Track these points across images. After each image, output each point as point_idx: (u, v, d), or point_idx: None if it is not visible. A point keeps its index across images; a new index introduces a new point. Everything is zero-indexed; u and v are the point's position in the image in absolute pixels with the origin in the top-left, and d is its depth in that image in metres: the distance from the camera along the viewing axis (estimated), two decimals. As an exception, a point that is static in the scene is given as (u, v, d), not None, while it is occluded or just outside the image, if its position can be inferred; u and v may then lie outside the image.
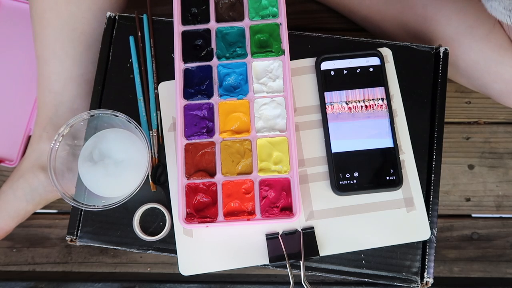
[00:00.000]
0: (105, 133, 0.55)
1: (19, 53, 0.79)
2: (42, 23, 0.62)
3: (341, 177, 0.51)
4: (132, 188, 0.51)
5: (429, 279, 0.51)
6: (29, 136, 0.75)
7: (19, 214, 0.66)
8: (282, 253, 0.50)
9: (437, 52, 0.55)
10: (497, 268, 0.74)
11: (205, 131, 0.52)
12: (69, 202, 0.51)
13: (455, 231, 0.75)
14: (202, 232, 0.51)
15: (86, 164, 0.53)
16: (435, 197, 0.52)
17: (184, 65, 0.54)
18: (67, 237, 0.53)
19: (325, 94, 0.53)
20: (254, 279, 0.74)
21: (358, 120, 0.53)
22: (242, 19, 0.55)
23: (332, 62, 0.54)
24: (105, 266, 0.75)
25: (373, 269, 0.51)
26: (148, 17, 0.57)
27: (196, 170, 0.51)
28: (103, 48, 0.57)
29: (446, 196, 0.76)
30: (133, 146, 0.54)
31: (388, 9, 0.67)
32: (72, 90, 0.64)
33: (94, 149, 0.54)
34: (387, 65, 0.54)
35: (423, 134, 0.54)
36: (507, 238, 0.75)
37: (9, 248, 0.76)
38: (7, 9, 0.81)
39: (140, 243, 0.52)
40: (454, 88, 0.78)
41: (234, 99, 0.53)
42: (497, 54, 0.60)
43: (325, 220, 0.51)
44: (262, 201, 0.50)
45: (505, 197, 0.76)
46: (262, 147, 0.52)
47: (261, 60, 0.54)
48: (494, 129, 0.78)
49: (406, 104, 0.54)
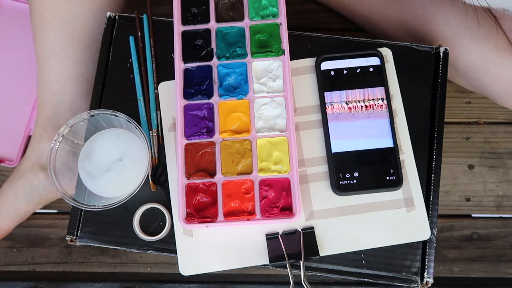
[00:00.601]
0: (105, 133, 0.55)
1: (19, 53, 0.79)
2: (42, 23, 0.62)
3: (341, 177, 0.51)
4: (132, 188, 0.51)
5: (429, 279, 0.51)
6: (29, 136, 0.75)
7: (19, 214, 0.66)
8: (282, 253, 0.50)
9: (437, 52, 0.55)
10: (497, 268, 0.74)
11: (205, 131, 0.52)
12: (69, 202, 0.51)
13: (455, 231, 0.75)
14: (202, 232, 0.51)
15: (86, 164, 0.53)
16: (435, 197, 0.52)
17: (184, 65, 0.54)
18: (67, 237, 0.53)
19: (325, 94, 0.53)
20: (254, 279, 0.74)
21: (358, 120, 0.53)
22: (242, 19, 0.55)
23: (332, 62, 0.54)
24: (105, 266, 0.75)
25: (373, 269, 0.51)
26: (148, 17, 0.57)
27: (196, 170, 0.51)
28: (103, 48, 0.57)
29: (446, 196, 0.76)
30: (133, 146, 0.54)
31: (387, 10, 0.68)
32: (72, 90, 0.64)
33: (94, 149, 0.54)
34: (387, 65, 0.54)
35: (423, 134, 0.54)
36: (507, 238, 0.75)
37: (9, 248, 0.76)
38: (7, 9, 0.81)
39: (140, 243, 0.52)
40: (454, 88, 0.78)
41: (234, 99, 0.53)
42: (497, 56, 0.60)
43: (325, 220, 0.51)
44: (262, 201, 0.50)
45: (505, 197, 0.76)
46: (262, 147, 0.52)
47: (261, 60, 0.54)
48: (494, 129, 0.78)
49: (406, 104, 0.54)
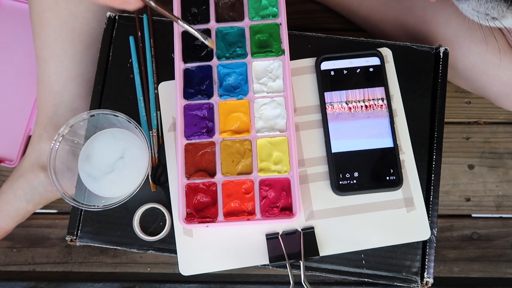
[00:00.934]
0: (105, 133, 0.55)
1: (19, 53, 0.79)
2: (42, 22, 0.62)
3: (341, 177, 0.51)
4: (132, 188, 0.51)
5: (429, 279, 0.51)
6: (29, 136, 0.75)
7: (19, 213, 0.66)
8: (282, 253, 0.50)
9: (437, 52, 0.55)
10: (497, 268, 0.74)
11: (205, 131, 0.52)
12: (69, 202, 0.51)
13: (455, 231, 0.75)
14: (202, 232, 0.51)
15: (86, 164, 0.53)
16: (435, 197, 0.52)
17: (184, 65, 0.54)
18: (67, 237, 0.53)
19: (325, 94, 0.53)
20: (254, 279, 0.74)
21: (358, 120, 0.53)
22: (242, 19, 0.55)
23: (332, 62, 0.54)
24: (105, 266, 0.75)
25: (373, 269, 0.51)
26: (148, 17, 0.57)
27: (196, 170, 0.51)
28: (103, 48, 0.57)
29: (446, 196, 0.76)
30: (133, 146, 0.54)
31: (387, 10, 0.68)
32: (72, 90, 0.64)
33: (94, 149, 0.54)
34: (387, 65, 0.54)
35: (423, 134, 0.54)
36: (507, 238, 0.75)
37: (9, 248, 0.76)
38: (7, 9, 0.81)
39: (140, 243, 0.52)
40: (454, 88, 0.78)
41: (234, 99, 0.53)
42: (496, 57, 0.60)
43: (325, 220, 0.51)
44: (262, 201, 0.50)
45: (505, 197, 0.76)
46: (262, 147, 0.52)
47: (261, 60, 0.54)
48: (494, 129, 0.78)
49: (406, 104, 0.54)
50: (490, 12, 0.43)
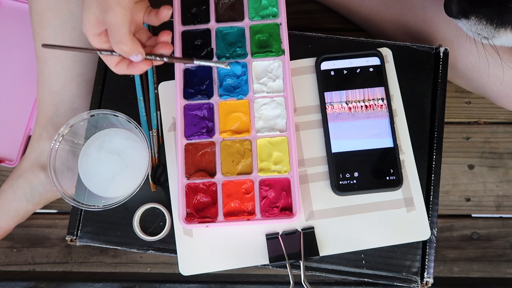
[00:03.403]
0: (105, 133, 0.55)
1: (19, 53, 0.79)
2: (42, 22, 0.62)
3: (341, 177, 0.51)
4: (132, 188, 0.51)
5: (429, 279, 0.51)
6: (29, 136, 0.75)
7: (19, 213, 0.66)
8: (282, 253, 0.50)
9: (437, 52, 0.55)
10: (497, 268, 0.74)
11: (205, 131, 0.52)
12: (69, 202, 0.51)
13: (455, 231, 0.75)
14: (202, 232, 0.51)
15: (86, 164, 0.53)
16: (435, 197, 0.52)
17: (184, 65, 0.54)
18: (67, 237, 0.53)
19: (325, 94, 0.53)
20: (254, 279, 0.74)
21: (358, 120, 0.53)
22: (242, 19, 0.55)
23: (332, 62, 0.54)
24: (105, 266, 0.75)
25: (373, 269, 0.51)
26: (148, 17, 0.57)
27: (196, 170, 0.51)
28: (103, 48, 0.57)
29: (446, 196, 0.76)
30: (133, 146, 0.54)
31: (387, 10, 0.68)
32: (72, 90, 0.64)
33: (94, 149, 0.54)
34: (387, 65, 0.54)
35: (423, 134, 0.54)
36: (507, 238, 0.75)
37: (9, 248, 0.76)
38: (7, 9, 0.81)
39: (140, 243, 0.52)
40: (454, 88, 0.78)
41: (234, 99, 0.53)
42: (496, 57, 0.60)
43: (325, 220, 0.51)
44: (262, 201, 0.50)
45: (505, 197, 0.76)
46: (262, 147, 0.52)
47: (261, 60, 0.54)
48: (494, 129, 0.78)
49: (406, 104, 0.54)
50: (481, 33, 0.47)
